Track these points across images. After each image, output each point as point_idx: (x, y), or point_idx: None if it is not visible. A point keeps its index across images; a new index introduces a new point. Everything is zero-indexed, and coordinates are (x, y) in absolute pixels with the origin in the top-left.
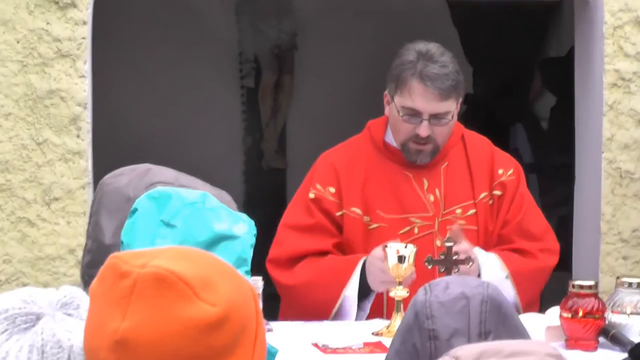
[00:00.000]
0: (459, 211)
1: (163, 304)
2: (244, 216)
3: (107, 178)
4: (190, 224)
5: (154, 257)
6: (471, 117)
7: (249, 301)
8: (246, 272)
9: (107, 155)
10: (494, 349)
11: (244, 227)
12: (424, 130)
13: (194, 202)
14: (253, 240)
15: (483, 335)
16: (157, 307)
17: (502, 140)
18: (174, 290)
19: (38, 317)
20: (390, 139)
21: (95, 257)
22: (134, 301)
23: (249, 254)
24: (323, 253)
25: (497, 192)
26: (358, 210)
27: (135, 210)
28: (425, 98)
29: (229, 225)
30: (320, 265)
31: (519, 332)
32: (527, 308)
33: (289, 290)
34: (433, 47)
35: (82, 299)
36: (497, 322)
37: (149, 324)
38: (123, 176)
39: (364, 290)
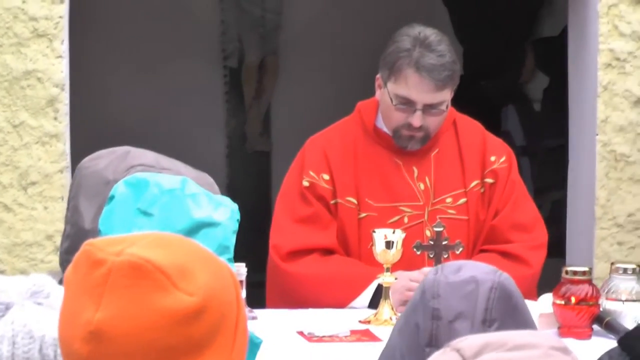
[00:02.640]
0: (449, 200)
1: (138, 294)
2: (226, 201)
3: (86, 161)
4: (168, 212)
5: (130, 244)
6: (462, 98)
7: (229, 288)
8: (228, 260)
9: (86, 138)
10: (497, 341)
11: (226, 213)
12: (417, 120)
13: (173, 189)
14: (235, 227)
15: (487, 323)
16: (132, 297)
17: (493, 122)
18: (150, 279)
19: (7, 307)
20: (380, 123)
21: (74, 242)
22: (108, 291)
23: (231, 241)
24: (328, 250)
25: (488, 180)
26: (353, 200)
27: (113, 197)
28: (420, 89)
29: (210, 211)
30: (328, 268)
31: (528, 327)
32: None
33: (291, 278)
34: (431, 34)
35: (52, 288)
36: (504, 312)
37: (124, 314)
38: (102, 159)
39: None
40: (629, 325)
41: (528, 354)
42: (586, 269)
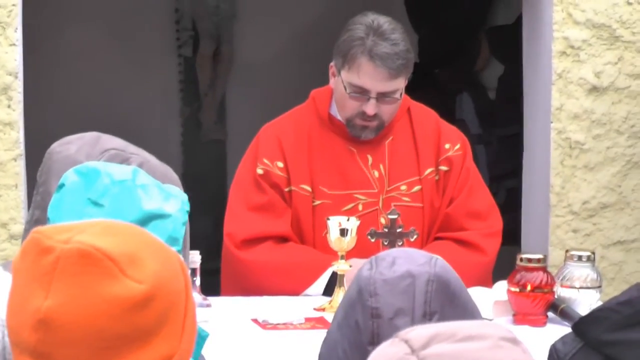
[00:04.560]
0: (403, 187)
1: (87, 282)
2: (177, 191)
3: (55, 146)
4: (119, 203)
5: (79, 232)
6: (416, 86)
7: (177, 277)
8: (177, 252)
9: (40, 127)
10: (446, 332)
11: (176, 205)
12: (370, 108)
13: (124, 180)
14: (185, 218)
15: (427, 316)
16: (81, 284)
17: (448, 110)
18: (99, 267)
19: None
20: (335, 111)
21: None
22: (57, 278)
23: (181, 233)
24: (283, 238)
25: (443, 168)
26: (308, 188)
27: (63, 185)
28: (374, 77)
29: (160, 203)
30: (282, 255)
31: (468, 311)
32: None
33: (245, 266)
34: (384, 23)
35: None
36: (443, 302)
37: (73, 302)
38: (72, 144)
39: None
40: (584, 312)
41: (477, 345)
42: (541, 256)
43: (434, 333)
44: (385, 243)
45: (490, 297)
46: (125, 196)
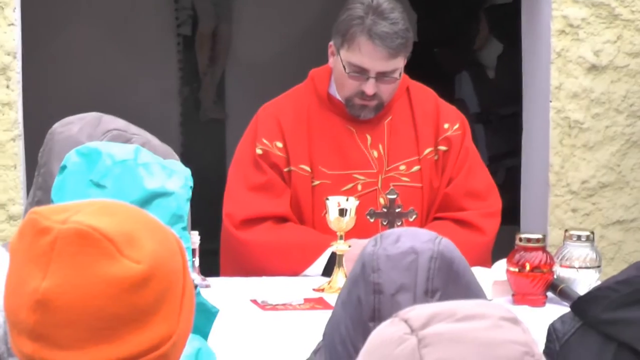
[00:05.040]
0: (402, 167)
1: (85, 262)
2: (179, 167)
3: (57, 127)
4: (121, 183)
5: (76, 212)
6: (415, 65)
7: (175, 256)
8: (182, 229)
9: (39, 107)
10: (446, 311)
11: (179, 181)
12: (370, 87)
13: (125, 159)
14: (189, 194)
15: (430, 293)
16: (78, 265)
17: (447, 89)
18: (97, 247)
19: None
20: (334, 91)
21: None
22: (54, 259)
23: (185, 210)
24: (282, 218)
25: (442, 148)
26: (307, 168)
27: (65, 167)
28: (373, 56)
29: (163, 181)
30: (282, 236)
31: (471, 291)
32: None
33: (244, 246)
34: (383, 2)
35: None
36: (446, 280)
37: (71, 282)
38: (73, 124)
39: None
40: (583, 292)
41: (477, 324)
42: (540, 236)
43: (433, 312)
44: (384, 223)
45: (490, 277)
46: (127, 176)
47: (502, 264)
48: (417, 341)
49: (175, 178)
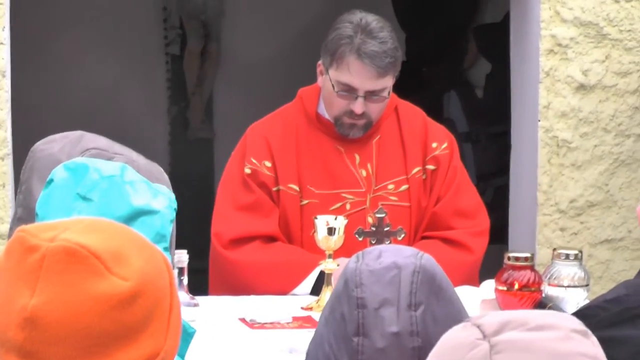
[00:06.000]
0: (391, 187)
1: (73, 279)
2: (164, 190)
3: (39, 145)
4: (108, 198)
5: (64, 229)
6: (404, 85)
7: (162, 274)
8: (165, 249)
9: (28, 126)
10: (518, 320)
11: (164, 202)
12: (358, 107)
13: (112, 175)
14: (173, 216)
15: (413, 307)
16: (67, 282)
17: (435, 108)
18: (85, 264)
19: None
20: (322, 110)
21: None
22: (43, 276)
23: (168, 230)
24: (271, 237)
25: (430, 167)
26: (295, 187)
27: (51, 181)
28: (362, 75)
29: (148, 199)
30: (270, 255)
31: (453, 306)
32: None
33: (233, 265)
34: (372, 21)
35: None
36: (428, 294)
37: (59, 300)
38: (55, 142)
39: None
40: (571, 311)
41: (548, 335)
42: (528, 254)
43: (506, 320)
44: (373, 242)
45: (478, 296)
46: (114, 191)
47: (490, 283)
48: (490, 347)
49: (160, 198)
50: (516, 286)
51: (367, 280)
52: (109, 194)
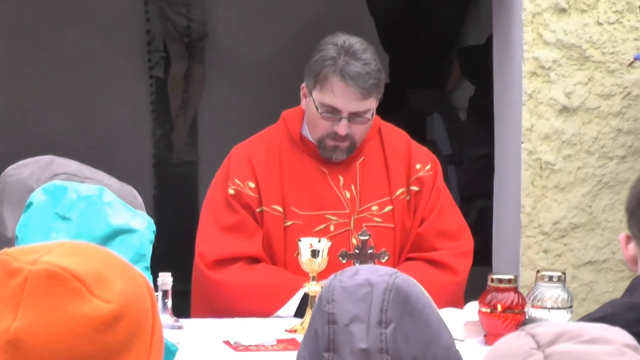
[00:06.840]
0: (375, 208)
1: (55, 302)
2: (142, 213)
3: (10, 170)
4: (86, 217)
5: (46, 252)
6: (387, 107)
7: (144, 296)
8: (145, 268)
9: (9, 149)
10: (573, 331)
11: (142, 222)
12: (342, 128)
13: (90, 195)
14: (152, 237)
15: (383, 324)
16: (49, 305)
17: (419, 131)
18: (67, 287)
19: None
20: (306, 132)
21: None
22: (25, 299)
23: (148, 249)
24: (254, 258)
25: (414, 188)
26: (279, 208)
27: (30, 204)
28: (345, 97)
29: (127, 219)
30: (254, 276)
31: (429, 326)
32: None
33: (216, 287)
34: (355, 43)
35: None
36: (402, 312)
37: (42, 322)
38: (26, 167)
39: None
40: None
41: (602, 348)
42: (512, 276)
43: (560, 331)
44: (357, 264)
45: (462, 318)
46: (92, 211)
47: (474, 305)
48: (544, 357)
49: (138, 219)
50: (499, 308)
51: (339, 296)
52: (88, 214)
